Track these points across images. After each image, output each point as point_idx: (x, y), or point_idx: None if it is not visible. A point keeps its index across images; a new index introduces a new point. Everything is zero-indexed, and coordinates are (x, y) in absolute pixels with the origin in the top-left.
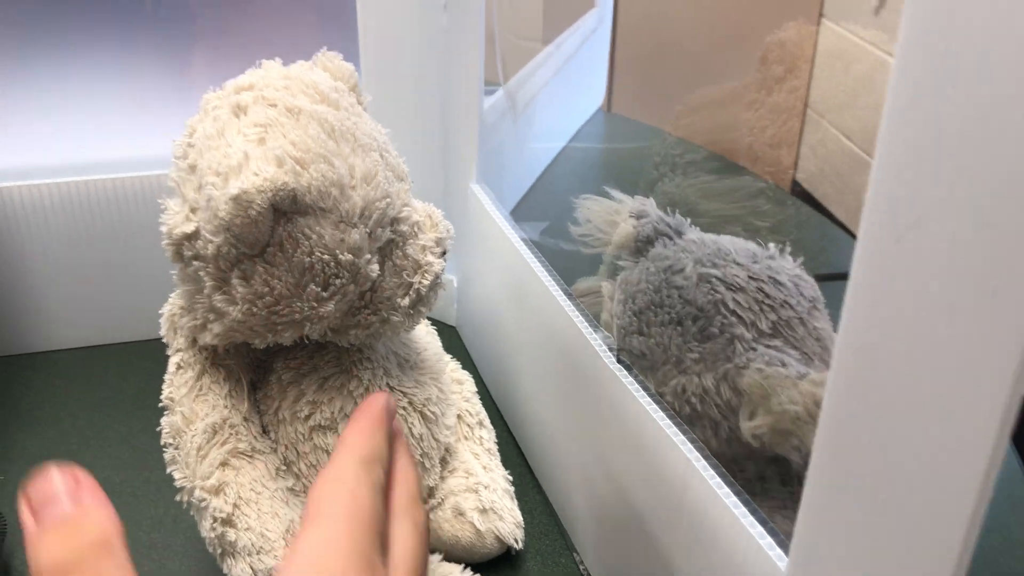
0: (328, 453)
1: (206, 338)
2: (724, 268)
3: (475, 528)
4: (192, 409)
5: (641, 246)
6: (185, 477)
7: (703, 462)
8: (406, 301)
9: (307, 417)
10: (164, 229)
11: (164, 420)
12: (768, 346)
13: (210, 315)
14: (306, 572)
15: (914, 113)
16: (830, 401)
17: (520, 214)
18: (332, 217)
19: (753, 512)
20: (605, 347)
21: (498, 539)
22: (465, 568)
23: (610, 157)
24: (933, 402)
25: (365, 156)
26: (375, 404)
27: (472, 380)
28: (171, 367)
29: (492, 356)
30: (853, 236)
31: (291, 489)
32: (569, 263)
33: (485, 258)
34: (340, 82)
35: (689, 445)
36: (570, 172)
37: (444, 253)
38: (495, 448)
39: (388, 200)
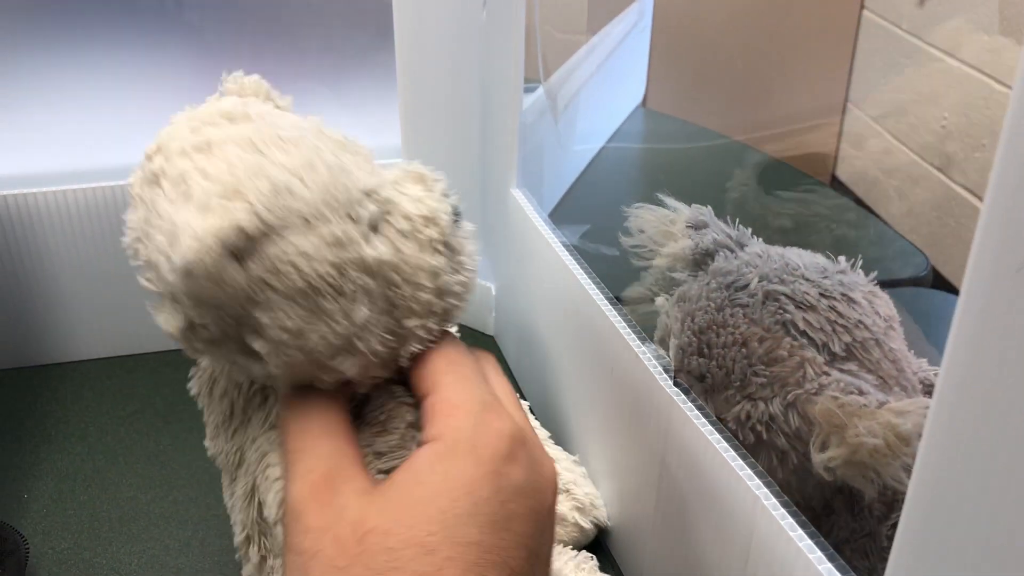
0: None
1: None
2: (792, 284)
3: (579, 527)
4: None
5: (700, 259)
6: None
7: (772, 500)
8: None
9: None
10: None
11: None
12: (842, 370)
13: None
14: (443, 439)
15: None
16: (931, 437)
17: (558, 217)
18: (295, 225)
19: (831, 557)
20: (659, 366)
21: (597, 526)
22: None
23: (650, 157)
24: None
25: (296, 147)
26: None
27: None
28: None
29: (533, 368)
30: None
31: None
32: (610, 268)
33: (526, 265)
34: (250, 97)
35: (756, 480)
36: (610, 172)
37: (448, 247)
38: (546, 435)
39: (346, 173)
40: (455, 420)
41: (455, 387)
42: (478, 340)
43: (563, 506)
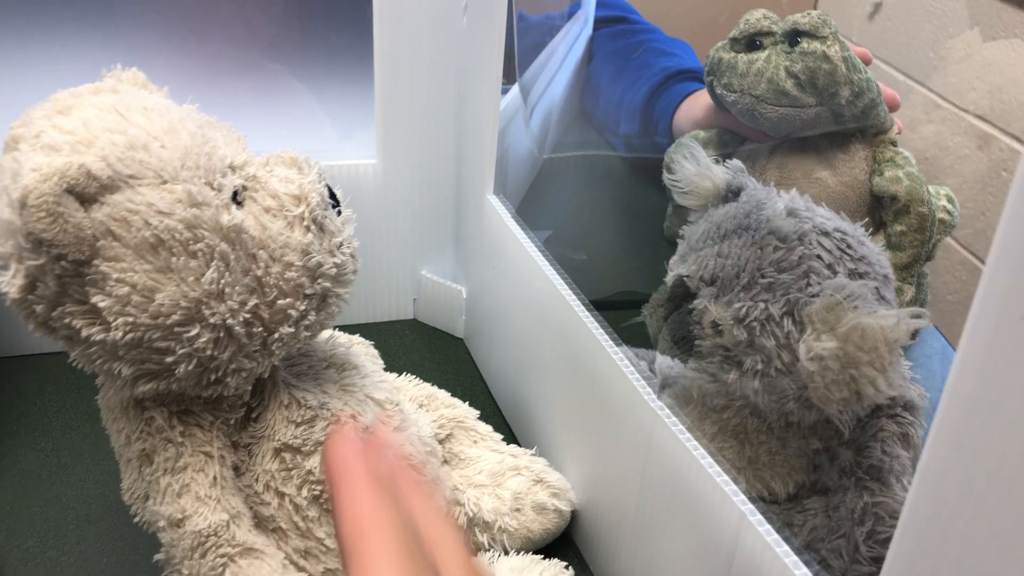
0: None
1: (130, 391)
2: (812, 212)
3: (559, 511)
4: (177, 508)
5: (731, 197)
6: None
7: (758, 516)
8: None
9: (315, 499)
10: (7, 301)
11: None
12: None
13: (109, 361)
14: None
15: None
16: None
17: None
18: (148, 179)
19: (817, 575)
20: (640, 378)
21: (573, 511)
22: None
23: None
24: None
25: (159, 115)
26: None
27: (436, 388)
28: (130, 455)
29: (503, 370)
30: None
31: None
32: (577, 274)
33: (499, 271)
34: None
35: (742, 496)
36: (559, 177)
37: (320, 227)
38: (499, 437)
39: (210, 144)
40: None
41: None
42: (448, 342)
43: (540, 495)
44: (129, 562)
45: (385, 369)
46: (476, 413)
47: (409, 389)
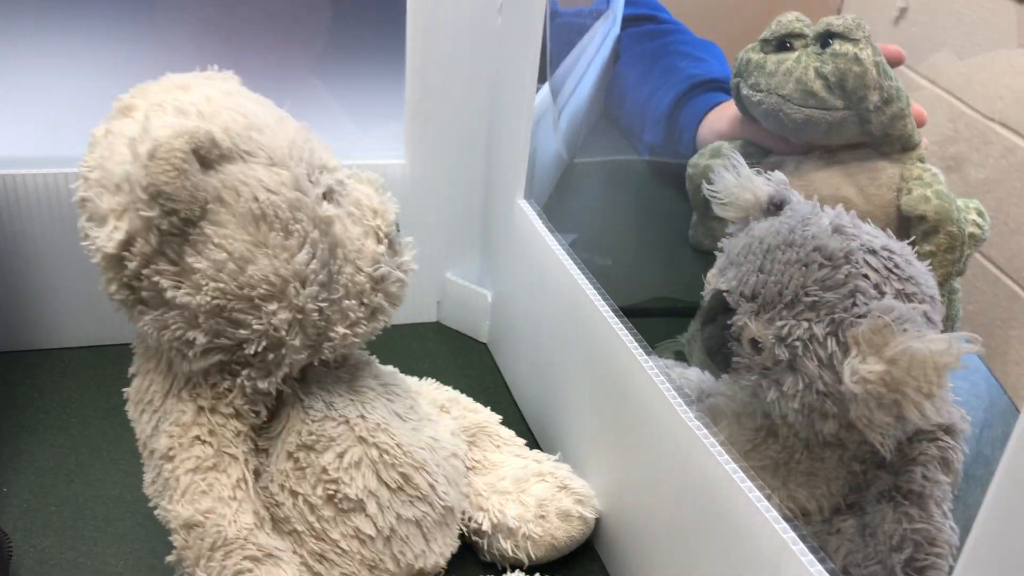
0: (359, 539)
1: (193, 364)
2: (859, 229)
3: (584, 519)
4: (199, 508)
5: (773, 211)
6: None
7: (800, 545)
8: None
9: (329, 498)
10: (96, 257)
11: (160, 516)
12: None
13: (185, 328)
14: None
15: None
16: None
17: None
18: (261, 159)
19: None
20: (677, 395)
21: (598, 518)
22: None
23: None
24: None
25: (271, 108)
26: None
27: (459, 393)
28: (159, 451)
29: (528, 377)
30: None
31: None
32: (603, 279)
33: (527, 277)
34: None
35: (784, 524)
36: (582, 182)
37: (390, 243)
38: (522, 443)
39: (312, 143)
40: None
41: None
42: (471, 347)
43: (565, 501)
44: (146, 565)
45: (406, 372)
46: (498, 418)
47: (430, 392)
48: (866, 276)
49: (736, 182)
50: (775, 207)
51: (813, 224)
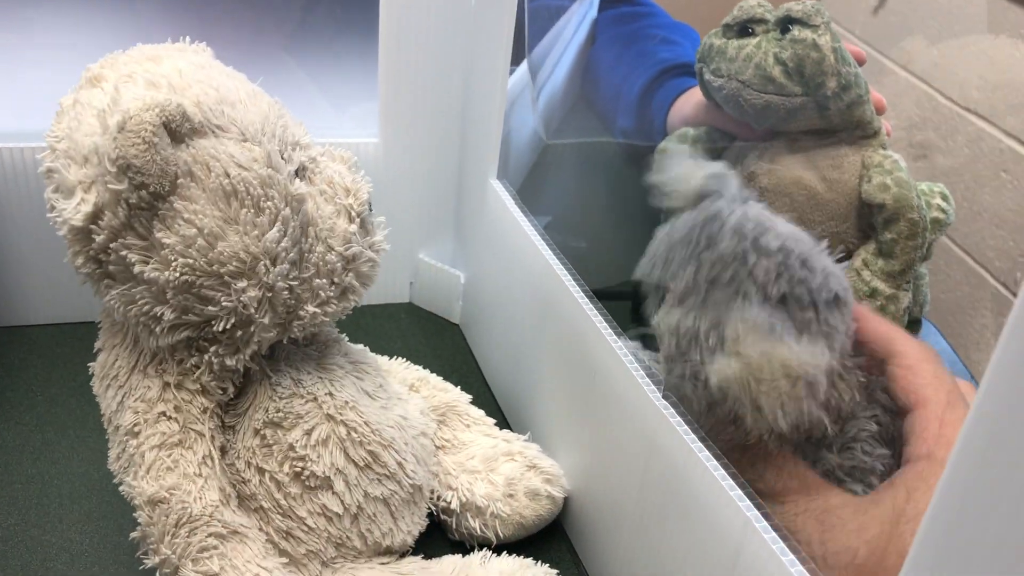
0: (325, 516)
1: (160, 340)
2: (762, 229)
3: (552, 498)
4: (163, 484)
5: (699, 200)
6: (166, 561)
7: (764, 523)
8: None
9: (296, 475)
10: (63, 230)
11: (124, 492)
12: (771, 314)
13: (153, 303)
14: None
15: None
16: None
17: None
18: (233, 134)
19: None
20: (644, 374)
21: (566, 497)
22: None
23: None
24: None
25: (243, 83)
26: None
27: (428, 372)
28: (124, 427)
29: (500, 357)
30: None
31: (286, 564)
32: (578, 261)
33: (500, 257)
34: None
35: (747, 502)
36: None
37: (363, 223)
38: (492, 422)
39: (285, 119)
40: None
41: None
42: (444, 327)
43: (534, 480)
44: (111, 542)
45: (377, 352)
46: (468, 397)
47: (400, 371)
48: (752, 276)
49: (679, 173)
50: (702, 199)
51: (716, 222)
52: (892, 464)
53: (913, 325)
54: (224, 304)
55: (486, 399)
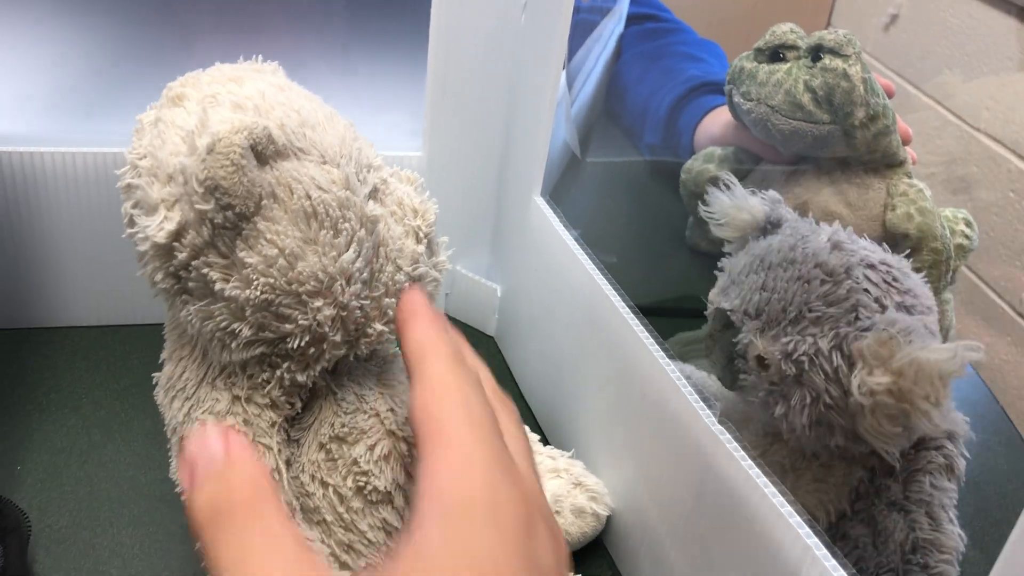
0: (385, 530)
1: (234, 355)
2: (857, 244)
3: (597, 515)
4: None
5: (770, 229)
6: None
7: (823, 551)
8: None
9: (359, 490)
10: (144, 246)
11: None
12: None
13: (231, 320)
14: (454, 501)
15: None
16: None
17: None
18: (314, 157)
19: None
20: (698, 397)
21: (610, 515)
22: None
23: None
24: None
25: (321, 105)
26: (418, 301)
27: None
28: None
29: (538, 372)
30: None
31: None
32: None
33: (541, 273)
34: None
35: (807, 528)
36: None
37: (429, 243)
38: (536, 438)
39: (360, 141)
40: (466, 476)
41: (464, 432)
42: (479, 340)
43: (580, 498)
44: (163, 548)
45: None
46: None
47: None
48: (867, 290)
49: (731, 202)
50: (772, 225)
51: (812, 241)
52: (954, 499)
53: None
54: (300, 322)
55: (523, 413)
